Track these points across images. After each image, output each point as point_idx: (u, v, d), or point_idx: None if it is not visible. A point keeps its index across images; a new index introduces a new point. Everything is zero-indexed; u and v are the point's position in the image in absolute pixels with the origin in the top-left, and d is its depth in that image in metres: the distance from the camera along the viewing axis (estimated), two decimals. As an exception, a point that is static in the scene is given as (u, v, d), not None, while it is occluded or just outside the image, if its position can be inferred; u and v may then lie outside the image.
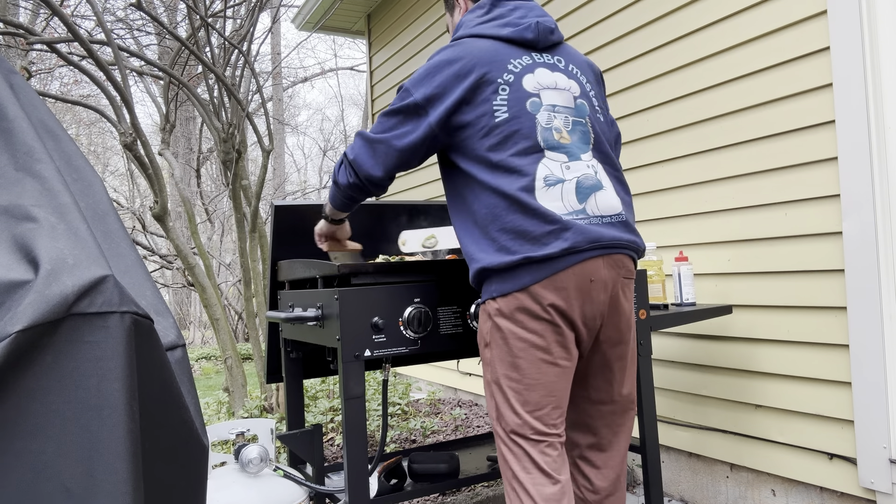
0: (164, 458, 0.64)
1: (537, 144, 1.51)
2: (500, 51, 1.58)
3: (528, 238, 1.45)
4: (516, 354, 1.48)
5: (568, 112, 1.57)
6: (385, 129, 1.56)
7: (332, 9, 5.05)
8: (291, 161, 18.23)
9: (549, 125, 1.53)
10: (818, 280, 2.16)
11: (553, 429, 1.49)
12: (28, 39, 3.71)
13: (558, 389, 1.50)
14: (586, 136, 1.58)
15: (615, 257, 1.52)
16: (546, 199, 1.47)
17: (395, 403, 4.06)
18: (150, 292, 0.69)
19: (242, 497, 1.74)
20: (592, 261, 1.48)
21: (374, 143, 1.56)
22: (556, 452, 1.49)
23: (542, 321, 1.46)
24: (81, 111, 11.80)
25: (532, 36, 1.60)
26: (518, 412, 1.48)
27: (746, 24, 2.34)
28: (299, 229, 2.10)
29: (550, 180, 1.49)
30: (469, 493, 2.64)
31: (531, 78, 1.57)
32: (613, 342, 1.58)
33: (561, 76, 1.61)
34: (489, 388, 1.55)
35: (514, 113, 1.52)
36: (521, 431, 1.48)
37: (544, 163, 1.50)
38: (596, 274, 1.48)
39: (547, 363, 1.48)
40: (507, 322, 1.48)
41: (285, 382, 2.16)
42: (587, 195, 1.51)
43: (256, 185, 4.31)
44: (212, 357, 9.18)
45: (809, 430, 2.19)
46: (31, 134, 0.67)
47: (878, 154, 1.98)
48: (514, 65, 1.57)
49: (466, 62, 1.54)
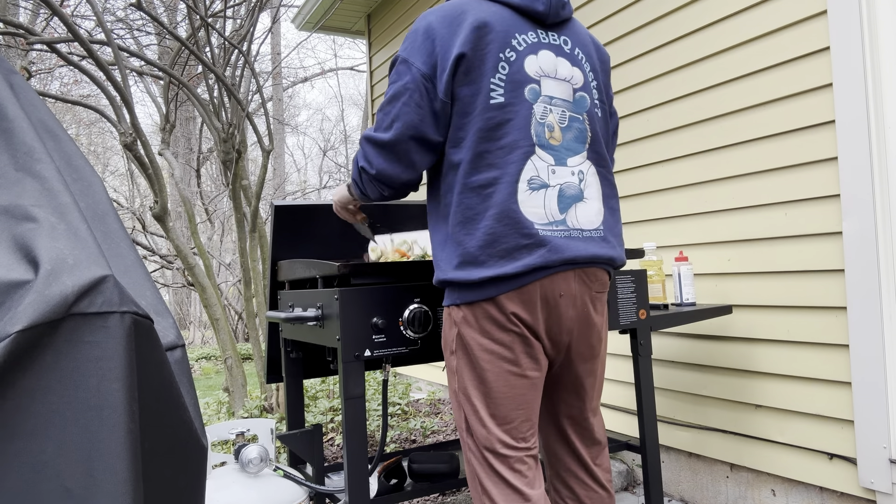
0: (164, 458, 0.64)
1: (529, 138, 1.38)
2: (507, 20, 1.40)
3: (499, 248, 1.35)
4: (483, 367, 1.40)
5: (565, 106, 1.44)
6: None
7: (332, 9, 5.05)
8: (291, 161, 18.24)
9: (543, 120, 1.40)
10: (818, 280, 2.16)
11: (523, 442, 1.42)
12: (28, 39, 3.71)
13: (527, 401, 1.42)
14: (582, 135, 1.46)
15: (588, 271, 1.44)
16: (528, 204, 1.37)
17: (395, 403, 4.06)
18: (149, 292, 0.69)
19: (242, 497, 1.74)
20: (562, 274, 1.40)
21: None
22: (526, 466, 1.41)
23: (509, 332, 1.38)
24: (81, 111, 11.80)
25: (543, 8, 1.43)
26: (486, 425, 1.40)
27: (746, 24, 2.34)
28: (299, 229, 2.10)
29: (535, 184, 1.38)
30: (469, 493, 2.64)
31: (533, 60, 1.41)
32: (584, 358, 1.52)
33: (564, 63, 1.46)
34: (456, 397, 1.47)
35: (511, 98, 1.38)
36: (491, 446, 1.40)
37: (533, 160, 1.38)
38: (565, 289, 1.41)
39: (515, 375, 1.40)
40: (473, 332, 1.40)
41: (285, 382, 2.16)
42: (568, 206, 1.41)
43: (256, 185, 4.31)
44: (212, 357, 9.18)
45: (809, 430, 2.19)
46: (31, 134, 0.67)
47: (878, 154, 1.98)
48: (518, 41, 1.40)
49: (470, 24, 1.37)
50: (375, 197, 1.49)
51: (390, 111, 1.39)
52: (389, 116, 1.39)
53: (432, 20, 1.41)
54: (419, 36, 1.40)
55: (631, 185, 2.83)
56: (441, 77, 1.37)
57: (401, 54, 1.42)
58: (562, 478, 1.60)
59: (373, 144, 1.42)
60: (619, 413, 2.91)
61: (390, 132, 1.39)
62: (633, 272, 2.00)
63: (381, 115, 1.42)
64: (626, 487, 2.79)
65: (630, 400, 2.86)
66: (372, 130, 1.43)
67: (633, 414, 2.84)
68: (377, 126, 1.42)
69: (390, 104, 1.39)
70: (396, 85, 1.39)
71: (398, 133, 1.38)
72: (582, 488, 1.59)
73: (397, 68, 1.41)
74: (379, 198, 1.49)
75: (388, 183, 1.43)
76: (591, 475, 1.59)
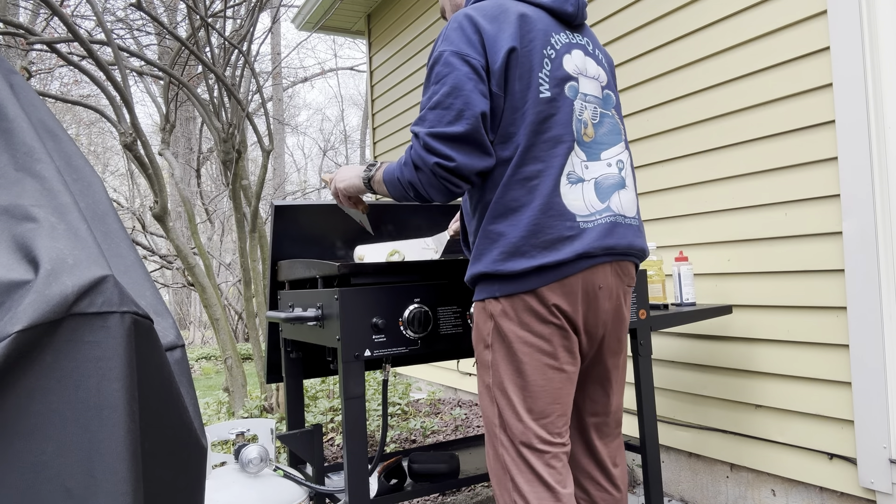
0: (163, 459, 0.64)
1: (571, 134, 1.40)
2: (543, 19, 1.43)
3: (542, 239, 1.36)
4: (521, 360, 1.40)
5: (597, 103, 1.48)
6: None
7: (332, 9, 5.05)
8: (291, 161, 18.24)
9: (581, 116, 1.43)
10: (818, 280, 2.16)
11: (558, 437, 1.42)
12: (28, 39, 3.71)
13: (563, 396, 1.43)
14: (616, 128, 1.51)
15: (622, 265, 1.47)
16: (569, 197, 1.39)
17: (395, 403, 4.06)
18: (149, 293, 0.69)
19: (242, 497, 1.74)
20: (602, 267, 1.42)
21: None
22: (561, 464, 1.41)
23: (549, 325, 1.39)
24: (81, 111, 11.80)
25: (573, 10, 1.47)
26: (523, 420, 1.40)
27: (746, 24, 2.34)
28: (299, 229, 2.10)
29: (573, 178, 1.40)
30: (469, 493, 2.64)
31: (569, 59, 1.45)
32: (614, 351, 1.54)
33: (591, 62, 1.50)
34: (489, 392, 1.45)
35: (556, 93, 1.40)
36: (527, 440, 1.40)
37: (572, 156, 1.40)
38: (604, 281, 1.43)
39: (553, 369, 1.40)
40: (511, 325, 1.40)
41: (285, 382, 2.16)
42: (609, 194, 1.44)
43: (256, 185, 4.31)
44: (212, 357, 9.18)
45: (809, 430, 2.19)
46: (31, 134, 0.67)
47: (878, 154, 1.98)
48: (555, 39, 1.43)
49: (515, 17, 1.39)
50: (441, 198, 1.42)
51: (453, 104, 1.34)
52: (454, 109, 1.34)
53: (474, 15, 1.40)
54: (466, 30, 1.38)
55: (631, 185, 2.83)
56: (493, 70, 1.37)
57: (448, 48, 1.38)
58: (575, 477, 1.60)
59: (445, 140, 1.35)
60: (619, 413, 2.92)
61: (461, 123, 1.34)
62: (633, 272, 2.00)
63: (440, 110, 1.36)
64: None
65: (630, 400, 2.86)
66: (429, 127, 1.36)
67: (633, 414, 2.84)
68: (437, 122, 1.36)
69: (451, 97, 1.35)
70: (453, 76, 1.35)
71: (471, 122, 1.34)
72: (597, 489, 1.59)
73: (447, 60, 1.37)
74: (445, 197, 1.42)
75: (467, 176, 1.37)
76: (607, 475, 1.59)
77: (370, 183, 1.54)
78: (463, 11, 1.42)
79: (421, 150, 1.37)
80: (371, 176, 1.53)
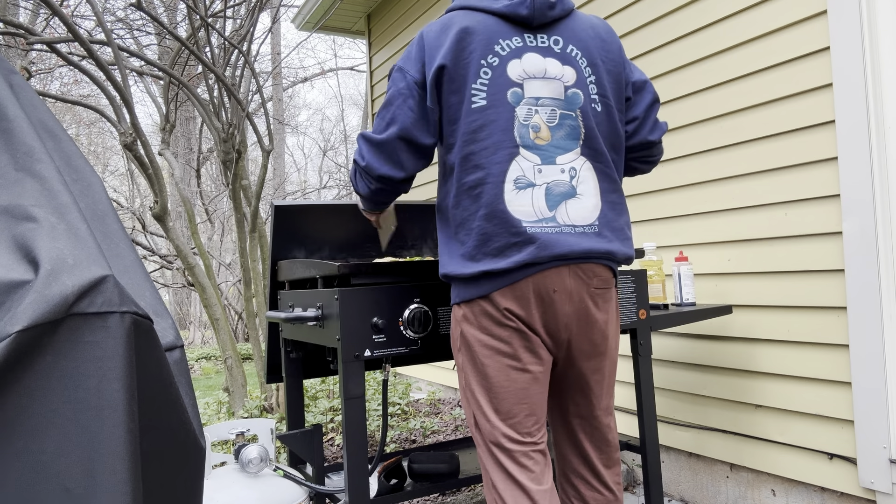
0: (162, 459, 0.64)
1: (513, 140, 1.42)
2: (491, 27, 1.47)
3: (491, 247, 1.41)
4: (484, 362, 1.45)
5: (555, 104, 1.47)
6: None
7: (332, 9, 5.05)
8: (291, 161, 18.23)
9: (527, 121, 1.44)
10: (818, 280, 2.16)
11: (528, 437, 1.45)
12: (28, 39, 3.71)
13: (530, 396, 1.46)
14: (575, 132, 1.48)
15: (584, 266, 1.46)
16: (515, 203, 1.41)
17: (395, 403, 4.06)
18: (149, 293, 0.69)
19: (242, 497, 1.74)
20: (554, 270, 1.42)
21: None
22: (532, 461, 1.44)
23: (506, 328, 1.43)
24: (81, 111, 11.80)
25: (526, 12, 1.47)
26: (491, 420, 1.45)
27: (746, 24, 2.34)
28: (299, 229, 2.10)
29: (521, 183, 1.42)
30: (469, 493, 2.64)
31: (517, 64, 1.46)
32: (587, 355, 1.52)
33: (553, 62, 1.48)
34: (464, 393, 1.53)
35: (492, 101, 1.44)
36: (496, 440, 1.45)
37: (518, 161, 1.42)
38: (559, 284, 1.43)
39: (516, 370, 1.44)
40: (472, 328, 1.47)
41: (285, 382, 2.16)
42: (558, 202, 1.44)
43: (256, 185, 4.31)
44: (212, 357, 9.18)
45: (809, 430, 2.19)
46: (31, 134, 0.67)
47: (878, 154, 1.98)
48: (501, 46, 1.46)
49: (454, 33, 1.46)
50: (364, 191, 1.58)
51: (385, 115, 1.51)
52: (385, 120, 1.51)
53: (426, 32, 1.53)
54: (414, 47, 1.52)
55: (631, 185, 2.83)
56: (428, 85, 1.48)
57: (398, 63, 1.53)
58: (568, 478, 1.62)
59: (367, 142, 1.53)
60: (619, 413, 2.91)
61: (384, 133, 1.50)
62: (633, 272, 2.00)
63: (378, 118, 1.53)
64: (626, 487, 2.79)
65: (630, 400, 2.86)
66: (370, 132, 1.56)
67: (633, 414, 2.84)
68: (375, 128, 1.54)
69: (386, 108, 1.51)
70: (392, 90, 1.51)
71: (391, 134, 1.49)
72: (587, 489, 1.60)
73: (394, 76, 1.52)
74: (367, 192, 1.58)
75: (374, 177, 1.53)
76: (598, 476, 1.59)
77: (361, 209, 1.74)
78: (424, 27, 1.55)
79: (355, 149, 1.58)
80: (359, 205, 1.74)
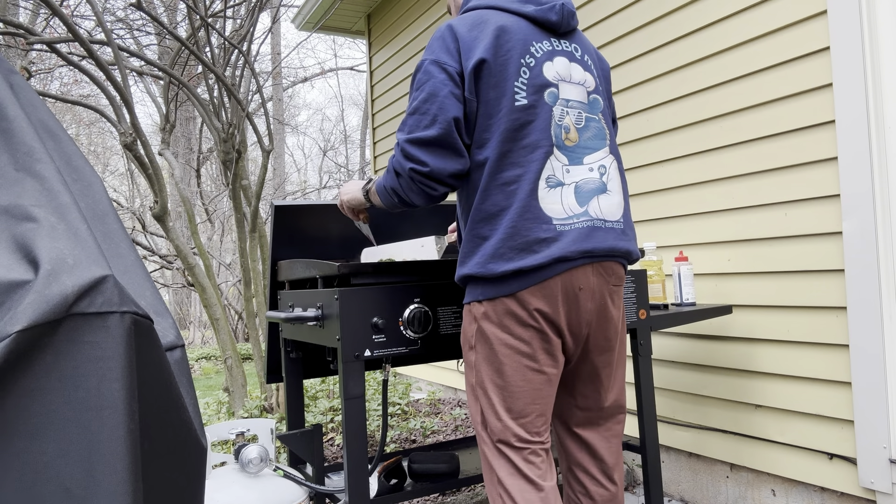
0: (163, 459, 0.64)
1: (549, 139, 1.44)
2: (524, 29, 1.49)
3: (519, 241, 1.40)
4: (502, 361, 1.45)
5: (581, 108, 1.52)
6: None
7: (332, 9, 5.05)
8: (291, 161, 18.24)
9: (561, 122, 1.47)
10: (818, 280, 2.16)
11: (537, 436, 1.47)
12: (28, 39, 3.71)
13: (543, 397, 1.47)
14: (602, 133, 1.54)
15: (605, 265, 1.49)
16: (547, 201, 1.43)
17: (395, 403, 4.06)
18: (149, 293, 0.69)
19: (242, 497, 1.74)
20: (581, 269, 1.45)
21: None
22: (540, 459, 1.47)
23: (529, 328, 1.44)
24: (81, 111, 11.80)
25: (556, 18, 1.51)
26: (502, 419, 1.46)
27: (747, 24, 2.34)
28: (299, 229, 2.10)
29: (552, 182, 1.44)
30: (469, 493, 2.64)
31: (550, 66, 1.49)
32: (601, 349, 1.56)
33: (577, 68, 1.54)
34: (473, 391, 1.52)
35: (533, 101, 1.45)
36: (506, 439, 1.46)
37: (551, 161, 1.44)
38: (584, 282, 1.46)
39: (532, 370, 1.45)
40: (493, 327, 1.46)
41: (285, 382, 2.16)
42: (589, 198, 1.47)
43: (256, 185, 4.31)
44: (212, 357, 9.18)
45: (809, 430, 2.19)
46: (31, 134, 0.67)
47: (878, 154, 1.98)
48: (535, 48, 1.48)
49: (493, 29, 1.44)
50: (421, 201, 1.48)
51: (429, 109, 1.42)
52: (429, 115, 1.42)
53: (454, 25, 1.49)
54: (447, 40, 1.47)
55: (631, 185, 2.83)
56: (465, 76, 1.44)
57: (429, 57, 1.47)
58: (573, 472, 1.64)
59: (419, 144, 1.42)
60: (619, 413, 2.91)
61: (434, 128, 1.42)
62: (633, 272, 2.00)
63: (418, 116, 1.44)
64: (626, 487, 2.79)
65: (630, 400, 2.86)
66: (408, 133, 1.44)
67: (633, 414, 2.84)
68: (414, 127, 1.44)
69: (427, 102, 1.43)
70: (430, 83, 1.44)
71: (443, 126, 1.41)
72: (591, 482, 1.61)
73: (427, 69, 1.45)
74: (426, 201, 1.48)
75: (442, 179, 1.44)
76: (602, 467, 1.62)
77: (368, 195, 1.64)
78: (447, 23, 1.51)
79: (399, 157, 1.46)
80: (368, 188, 1.63)
